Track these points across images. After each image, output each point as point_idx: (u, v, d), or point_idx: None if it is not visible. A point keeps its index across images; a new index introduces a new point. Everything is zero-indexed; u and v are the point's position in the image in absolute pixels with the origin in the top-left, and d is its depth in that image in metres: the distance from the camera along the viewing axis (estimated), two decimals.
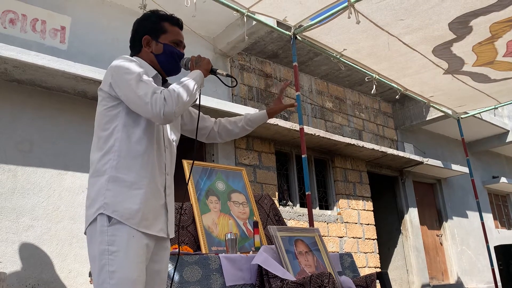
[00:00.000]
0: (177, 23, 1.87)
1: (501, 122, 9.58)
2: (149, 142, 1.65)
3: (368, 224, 7.20)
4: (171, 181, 1.75)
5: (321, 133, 6.34)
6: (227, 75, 1.81)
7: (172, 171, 1.77)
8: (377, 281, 3.03)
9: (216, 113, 5.18)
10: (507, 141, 9.84)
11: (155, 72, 1.77)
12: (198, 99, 1.74)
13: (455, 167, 8.70)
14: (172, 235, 1.70)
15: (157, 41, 1.79)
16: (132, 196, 1.55)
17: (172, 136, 1.82)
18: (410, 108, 8.54)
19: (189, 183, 3.24)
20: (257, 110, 5.57)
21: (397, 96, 5.77)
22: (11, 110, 4.17)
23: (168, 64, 1.79)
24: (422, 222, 8.56)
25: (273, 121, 5.72)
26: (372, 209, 7.42)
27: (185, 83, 1.63)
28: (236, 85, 1.85)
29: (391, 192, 8.53)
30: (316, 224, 6.21)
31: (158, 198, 1.64)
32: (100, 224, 1.50)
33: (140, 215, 1.54)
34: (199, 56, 1.80)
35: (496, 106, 6.30)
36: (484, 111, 6.76)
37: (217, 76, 1.83)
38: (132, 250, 1.49)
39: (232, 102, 6.02)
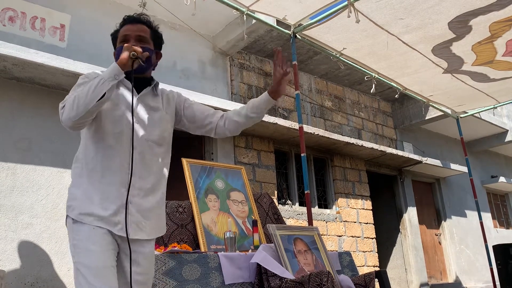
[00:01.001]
0: (126, 21, 1.83)
1: (500, 122, 9.59)
2: (100, 145, 1.69)
3: (367, 223, 7.21)
4: (145, 182, 1.72)
5: (320, 132, 6.34)
6: (135, 56, 1.63)
7: (145, 172, 1.73)
8: (376, 280, 3.04)
9: None
10: (506, 140, 9.85)
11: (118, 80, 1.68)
12: (132, 94, 1.70)
13: (454, 166, 8.71)
14: (134, 236, 1.65)
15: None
16: (88, 198, 1.64)
17: (148, 136, 1.76)
18: (409, 107, 8.55)
19: (188, 181, 3.24)
20: None
21: (396, 95, 5.77)
22: (10, 108, 4.17)
23: None
24: (421, 221, 8.58)
25: (272, 119, 5.72)
26: (371, 208, 7.43)
27: (90, 83, 1.59)
28: (145, 66, 1.68)
29: (390, 191, 8.53)
30: (315, 223, 6.22)
31: (116, 198, 1.65)
32: (68, 224, 1.67)
33: (96, 215, 1.62)
34: (122, 44, 1.72)
35: (495, 106, 6.31)
36: (483, 111, 6.77)
37: (138, 59, 1.65)
38: (95, 241, 1.58)
39: (232, 100, 6.01)
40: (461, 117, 6.74)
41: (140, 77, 1.79)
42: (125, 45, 1.66)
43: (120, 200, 1.65)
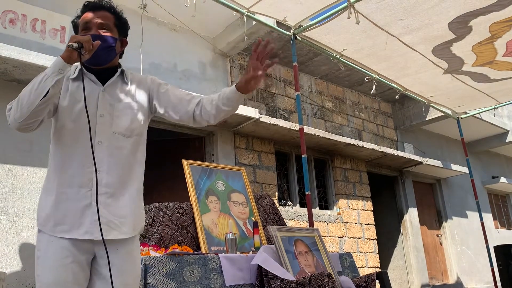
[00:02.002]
0: (86, 7, 1.69)
1: (500, 122, 9.58)
2: (60, 143, 1.62)
3: (367, 224, 7.20)
4: (114, 177, 1.60)
5: (321, 133, 6.34)
6: (72, 47, 1.47)
7: (113, 166, 1.60)
8: (377, 281, 3.03)
9: None
10: (506, 141, 9.84)
11: (76, 72, 1.63)
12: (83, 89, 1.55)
13: (454, 167, 8.71)
14: (108, 236, 1.53)
15: None
16: (46, 202, 1.59)
17: (115, 128, 1.64)
18: (409, 108, 8.54)
19: (189, 183, 3.24)
20: (256, 110, 5.58)
21: (396, 96, 5.77)
22: None
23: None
24: (421, 222, 8.57)
25: (273, 121, 5.72)
26: (372, 209, 7.43)
27: (33, 80, 1.48)
28: (81, 60, 1.52)
29: (391, 192, 8.53)
30: (316, 224, 6.21)
31: (76, 199, 1.55)
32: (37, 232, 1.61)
33: (53, 221, 1.55)
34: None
35: (496, 106, 6.31)
36: (484, 111, 6.77)
37: (77, 51, 1.49)
38: (50, 255, 1.52)
39: None
40: (461, 118, 6.74)
41: (104, 68, 1.68)
42: (72, 35, 1.52)
43: (82, 201, 1.54)
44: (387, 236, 8.34)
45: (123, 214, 1.60)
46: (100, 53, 1.59)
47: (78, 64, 1.58)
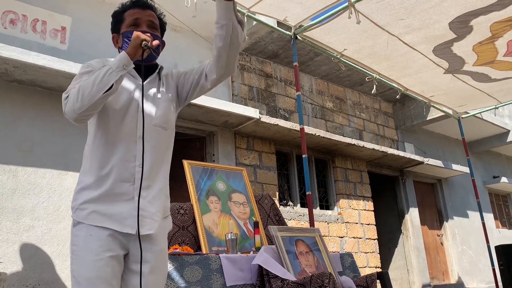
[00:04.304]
0: (136, 4, 1.72)
1: (501, 122, 9.57)
2: (101, 138, 1.60)
3: (368, 224, 7.20)
4: (150, 173, 1.60)
5: (322, 133, 6.33)
6: (146, 46, 1.53)
7: (152, 162, 1.61)
8: (378, 281, 3.03)
9: (216, 113, 5.18)
10: (507, 140, 9.84)
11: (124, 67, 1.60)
12: (141, 84, 1.60)
13: (455, 167, 8.70)
14: (145, 232, 1.54)
15: (119, 33, 1.74)
16: (86, 196, 1.56)
17: (155, 122, 1.65)
18: (410, 108, 8.54)
19: (190, 183, 3.24)
20: (257, 110, 5.57)
21: (397, 96, 5.77)
22: (12, 111, 4.17)
23: None
24: (422, 222, 8.56)
25: (273, 121, 5.72)
26: (373, 209, 7.42)
27: (96, 72, 1.49)
28: (155, 57, 1.61)
29: (392, 192, 8.53)
30: (316, 224, 6.21)
31: (119, 194, 1.55)
32: (71, 225, 1.58)
33: (93, 212, 1.53)
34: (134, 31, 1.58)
35: (497, 106, 6.30)
36: (485, 111, 6.76)
37: (149, 49, 1.56)
38: (89, 249, 1.50)
39: (232, 102, 6.01)
40: (462, 118, 6.73)
41: (146, 65, 1.70)
42: (136, 32, 1.53)
43: (124, 196, 1.55)
44: (388, 236, 8.34)
45: (158, 208, 1.62)
46: (153, 52, 1.63)
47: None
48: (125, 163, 1.57)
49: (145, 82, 1.69)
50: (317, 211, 6.58)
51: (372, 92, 5.11)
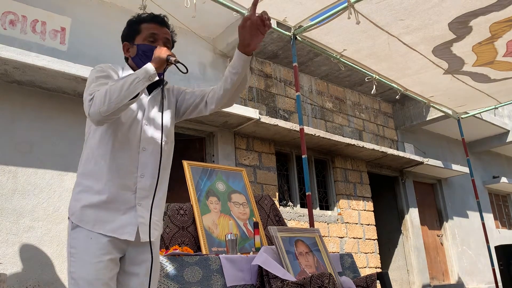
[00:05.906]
0: (155, 19, 1.81)
1: (501, 122, 9.58)
2: (107, 145, 1.63)
3: (368, 225, 7.20)
4: (152, 183, 1.67)
5: (321, 133, 6.34)
6: (176, 62, 1.67)
7: (152, 173, 1.68)
8: (378, 281, 3.03)
9: (216, 113, 5.18)
10: (507, 141, 9.84)
11: None
12: (161, 94, 1.73)
13: (455, 167, 8.70)
14: (145, 239, 1.61)
15: (133, 43, 1.80)
16: (86, 200, 1.59)
17: (159, 134, 1.72)
18: (410, 108, 8.54)
19: (189, 183, 3.24)
20: (257, 111, 5.57)
21: (397, 96, 5.77)
22: (11, 111, 4.17)
23: (143, 63, 1.64)
24: (422, 222, 8.56)
25: (273, 121, 5.72)
26: (373, 209, 7.42)
27: (123, 79, 1.55)
28: (187, 72, 1.69)
29: (392, 192, 8.53)
30: (316, 225, 6.21)
31: (121, 201, 1.60)
32: (68, 227, 1.62)
33: (95, 218, 1.57)
34: (157, 47, 1.69)
35: (496, 106, 6.31)
36: (484, 111, 6.77)
37: (174, 64, 1.70)
38: (89, 251, 1.54)
39: None
40: (462, 118, 6.74)
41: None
42: (163, 48, 1.66)
43: (126, 204, 1.60)
44: (387, 237, 8.34)
45: (159, 216, 1.72)
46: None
47: (132, 70, 1.74)
48: (128, 173, 1.64)
49: (151, 95, 1.78)
50: (317, 211, 6.58)
51: (372, 92, 5.12)
